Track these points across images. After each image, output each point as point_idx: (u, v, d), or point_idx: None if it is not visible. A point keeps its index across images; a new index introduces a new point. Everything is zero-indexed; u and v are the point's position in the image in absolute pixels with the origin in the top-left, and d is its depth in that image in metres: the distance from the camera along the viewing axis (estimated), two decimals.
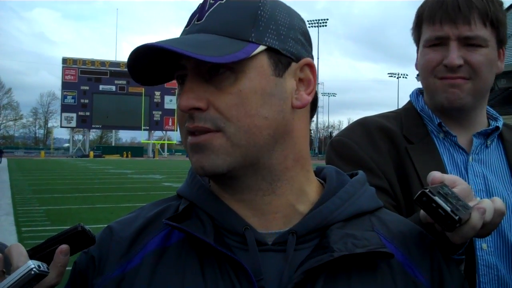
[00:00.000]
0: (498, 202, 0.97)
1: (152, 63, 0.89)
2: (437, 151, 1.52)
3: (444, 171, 1.47)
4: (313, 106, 0.98)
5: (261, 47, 0.87)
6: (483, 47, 1.45)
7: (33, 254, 0.88)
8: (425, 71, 1.52)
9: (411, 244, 0.96)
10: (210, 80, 0.86)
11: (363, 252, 0.86)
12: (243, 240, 0.89)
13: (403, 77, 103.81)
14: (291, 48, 0.91)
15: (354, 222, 0.93)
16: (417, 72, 1.62)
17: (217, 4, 0.89)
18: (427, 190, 0.89)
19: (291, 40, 0.91)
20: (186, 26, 0.92)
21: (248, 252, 0.87)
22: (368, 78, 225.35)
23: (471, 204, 0.93)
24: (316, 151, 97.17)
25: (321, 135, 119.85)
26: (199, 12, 0.90)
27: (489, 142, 1.56)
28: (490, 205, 0.94)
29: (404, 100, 1.75)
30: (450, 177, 0.97)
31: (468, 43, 1.45)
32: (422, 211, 0.96)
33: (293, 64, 0.91)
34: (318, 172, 1.05)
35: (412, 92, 1.71)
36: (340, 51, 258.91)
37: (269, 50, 0.88)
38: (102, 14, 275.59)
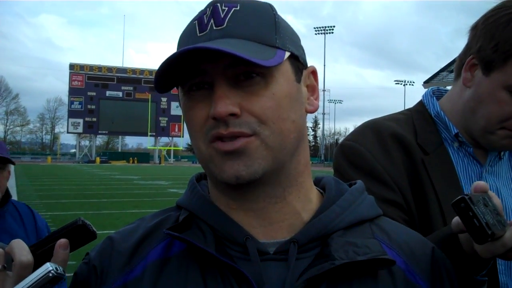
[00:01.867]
0: None
1: (174, 69, 0.87)
2: (451, 163, 1.46)
3: (459, 183, 1.43)
4: None
5: (287, 53, 0.89)
6: None
7: (34, 249, 0.87)
8: (495, 115, 1.40)
9: (412, 251, 0.96)
10: (239, 85, 0.86)
11: (365, 260, 0.86)
12: (244, 250, 0.89)
13: (409, 84, 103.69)
14: (302, 55, 0.95)
15: (355, 230, 0.94)
16: (424, 79, 1.55)
17: (232, 10, 0.88)
18: (468, 197, 0.87)
19: (300, 48, 0.95)
20: (201, 32, 0.89)
21: (250, 262, 0.87)
22: (374, 85, 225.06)
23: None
24: (322, 158, 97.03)
25: (327, 142, 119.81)
26: (213, 17, 0.89)
27: (502, 154, 1.51)
28: None
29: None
30: (490, 192, 0.96)
31: None
32: (455, 218, 0.95)
33: (304, 71, 0.96)
34: (317, 182, 1.05)
35: (426, 93, 1.61)
36: (345, 58, 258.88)
37: (290, 57, 0.91)
38: (108, 21, 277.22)
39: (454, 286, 0.97)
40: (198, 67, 0.86)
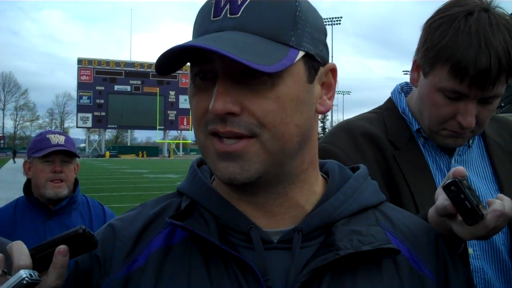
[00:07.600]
0: (508, 207, 0.96)
1: (180, 56, 0.84)
2: (422, 155, 1.49)
3: (430, 174, 1.46)
4: None
5: (301, 53, 0.83)
6: (495, 98, 1.37)
7: (34, 253, 0.86)
8: (434, 117, 1.42)
9: (416, 239, 0.95)
10: (243, 82, 0.81)
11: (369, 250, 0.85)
12: (248, 238, 0.88)
13: None
14: (321, 53, 0.89)
15: (359, 217, 0.93)
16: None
17: None
18: (458, 180, 0.90)
19: (321, 44, 0.89)
20: (215, 17, 0.84)
21: (254, 251, 0.86)
22: (382, 76, 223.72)
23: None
24: None
25: None
26: (230, 3, 0.82)
27: (471, 141, 1.51)
28: (503, 208, 0.94)
29: None
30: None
31: (485, 100, 1.36)
32: (441, 202, 0.96)
33: (321, 69, 0.89)
34: (320, 167, 1.01)
35: (394, 89, 1.63)
36: (351, 49, 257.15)
37: (305, 56, 0.85)
38: (113, 15, 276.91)
39: (459, 273, 0.95)
40: (204, 54, 0.81)
